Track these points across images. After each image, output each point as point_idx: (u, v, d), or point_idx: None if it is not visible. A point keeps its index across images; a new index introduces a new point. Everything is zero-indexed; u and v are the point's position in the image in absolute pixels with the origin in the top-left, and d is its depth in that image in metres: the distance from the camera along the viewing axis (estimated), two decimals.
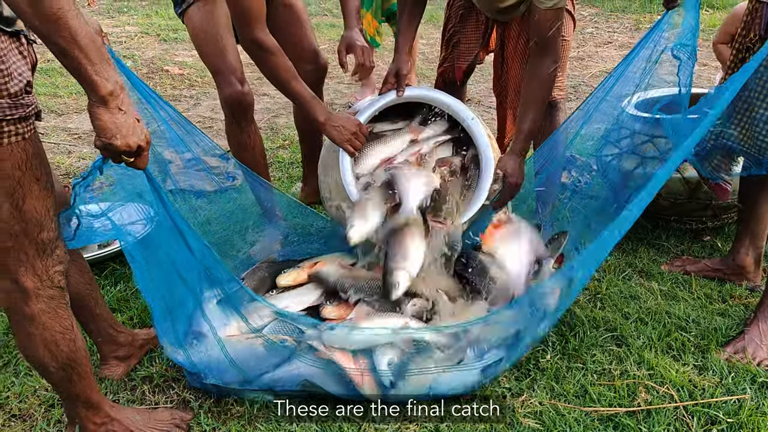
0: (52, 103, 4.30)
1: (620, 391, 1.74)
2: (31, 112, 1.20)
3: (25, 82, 1.18)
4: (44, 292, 1.32)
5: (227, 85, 2.25)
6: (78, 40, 1.09)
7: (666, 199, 2.46)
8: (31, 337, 1.35)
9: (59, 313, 1.36)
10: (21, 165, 1.20)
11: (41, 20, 1.06)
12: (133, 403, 1.74)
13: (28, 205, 1.24)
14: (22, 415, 1.71)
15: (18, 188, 1.21)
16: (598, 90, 2.25)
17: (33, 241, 1.27)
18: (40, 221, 1.27)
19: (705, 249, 2.50)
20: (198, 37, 2.25)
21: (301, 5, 2.52)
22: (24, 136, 1.20)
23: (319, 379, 1.69)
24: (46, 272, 1.31)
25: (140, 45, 5.76)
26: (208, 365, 1.70)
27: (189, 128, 2.04)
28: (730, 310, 2.09)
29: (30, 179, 1.23)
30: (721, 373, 1.80)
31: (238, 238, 2.30)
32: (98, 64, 1.12)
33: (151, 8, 7.28)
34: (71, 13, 1.07)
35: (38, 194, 1.25)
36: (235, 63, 2.26)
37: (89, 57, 1.11)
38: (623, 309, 2.11)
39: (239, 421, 1.68)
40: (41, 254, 1.29)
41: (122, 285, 2.28)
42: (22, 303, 1.31)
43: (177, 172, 2.14)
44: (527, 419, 1.66)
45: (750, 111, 1.89)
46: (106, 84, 1.14)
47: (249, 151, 2.40)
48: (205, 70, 5.16)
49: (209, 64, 2.28)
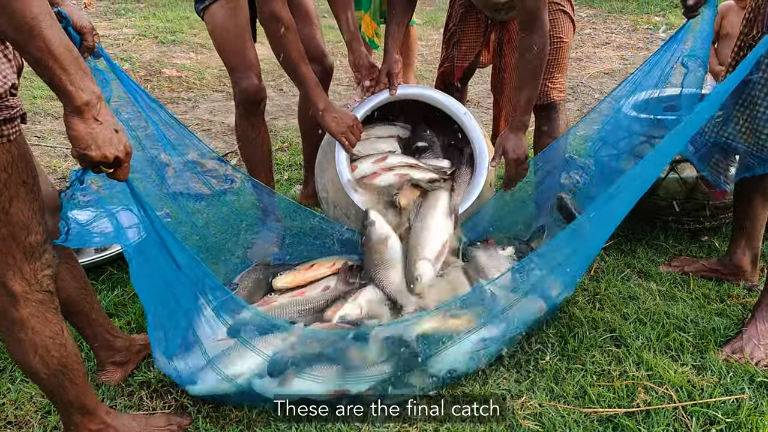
0: (49, 107, 4.29)
1: (619, 391, 1.74)
2: (15, 114, 1.19)
3: (10, 85, 1.17)
4: (33, 296, 1.31)
5: (245, 78, 2.30)
6: (52, 49, 1.07)
7: (664, 199, 2.46)
8: (21, 342, 1.34)
9: (48, 317, 1.35)
10: (6, 167, 1.19)
11: (14, 29, 1.04)
12: (131, 409, 1.74)
13: (14, 209, 1.23)
14: (18, 422, 1.70)
15: (4, 191, 1.21)
16: (611, 98, 2.26)
17: (20, 244, 1.26)
18: (27, 225, 1.26)
19: (703, 249, 2.49)
20: (219, 33, 2.28)
21: (311, 6, 2.55)
22: (9, 138, 1.19)
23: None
24: (35, 276, 1.31)
25: (138, 47, 5.76)
26: (196, 377, 1.69)
27: (184, 132, 2.03)
28: (728, 310, 2.09)
29: (16, 182, 1.22)
30: (719, 373, 1.80)
31: (234, 241, 2.30)
32: (74, 74, 1.10)
33: (149, 10, 7.27)
34: (45, 23, 1.05)
35: (25, 197, 1.24)
36: (254, 60, 2.31)
37: (64, 66, 1.09)
38: (622, 309, 2.10)
39: (237, 425, 1.67)
40: (29, 258, 1.29)
41: (119, 290, 2.27)
42: (10, 307, 1.31)
43: (174, 176, 2.13)
44: (527, 421, 1.65)
45: (753, 108, 1.88)
46: (82, 94, 1.12)
47: (257, 148, 2.44)
48: (203, 73, 5.17)
49: (228, 60, 2.31)
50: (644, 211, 2.56)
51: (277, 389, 1.66)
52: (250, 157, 2.44)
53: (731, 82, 1.71)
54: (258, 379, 1.67)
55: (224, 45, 2.29)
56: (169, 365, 1.68)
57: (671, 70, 2.10)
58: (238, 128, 2.43)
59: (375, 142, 2.33)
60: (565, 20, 2.32)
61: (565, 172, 2.37)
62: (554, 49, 2.26)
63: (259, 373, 1.67)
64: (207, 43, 5.56)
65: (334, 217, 2.29)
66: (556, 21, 2.29)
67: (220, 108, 4.51)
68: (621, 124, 2.28)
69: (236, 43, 2.27)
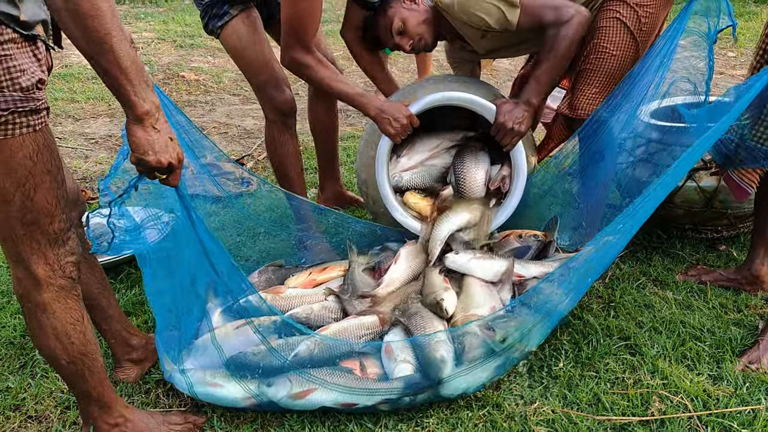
0: (70, 108, 4.36)
1: (633, 400, 1.73)
2: (41, 105, 1.24)
3: (37, 79, 1.22)
4: (55, 282, 1.35)
5: (280, 92, 2.31)
6: (121, 62, 1.19)
7: (681, 207, 2.44)
8: (42, 326, 1.38)
9: (70, 303, 1.39)
10: (32, 155, 1.24)
11: (89, 43, 1.17)
12: (147, 406, 1.76)
13: (39, 196, 1.27)
14: (38, 417, 1.73)
15: (30, 178, 1.25)
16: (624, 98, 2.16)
17: (44, 231, 1.31)
18: (51, 212, 1.30)
19: (720, 258, 2.47)
20: (243, 50, 2.26)
21: None
22: (35, 128, 1.23)
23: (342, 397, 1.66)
24: (58, 262, 1.35)
25: (157, 51, 5.83)
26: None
27: (200, 137, 2.06)
28: (746, 320, 2.07)
29: (41, 170, 1.26)
30: (735, 383, 1.78)
31: (250, 245, 2.32)
32: (137, 85, 1.22)
33: (168, 15, 7.36)
34: (117, 38, 1.17)
35: (49, 185, 1.28)
36: (281, 72, 2.32)
37: (129, 78, 1.21)
38: (637, 318, 2.09)
39: (252, 425, 1.69)
40: (53, 244, 1.33)
41: (137, 289, 2.30)
42: (33, 290, 1.35)
43: (191, 177, 2.16)
44: (539, 427, 1.65)
45: None
46: (143, 104, 1.24)
47: (297, 160, 2.47)
48: (220, 76, 5.22)
49: (256, 76, 2.30)
50: (661, 219, 2.54)
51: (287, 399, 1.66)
52: (287, 170, 2.44)
53: (757, 88, 1.70)
54: (267, 387, 1.67)
55: (251, 62, 2.28)
56: (176, 370, 1.71)
57: (674, 49, 2.01)
58: (273, 143, 2.41)
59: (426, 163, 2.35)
60: (620, 30, 2.11)
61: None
62: (595, 58, 2.15)
63: (268, 381, 1.68)
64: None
65: (373, 211, 2.37)
66: (606, 29, 2.12)
67: (236, 111, 4.55)
68: (637, 130, 2.26)
69: (262, 59, 2.27)
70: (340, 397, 1.65)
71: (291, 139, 2.41)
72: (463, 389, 1.71)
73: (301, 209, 2.36)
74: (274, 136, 2.40)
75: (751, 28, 6.25)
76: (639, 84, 2.07)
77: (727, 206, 2.38)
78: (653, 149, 2.28)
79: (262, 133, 3.99)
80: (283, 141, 2.40)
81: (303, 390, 1.64)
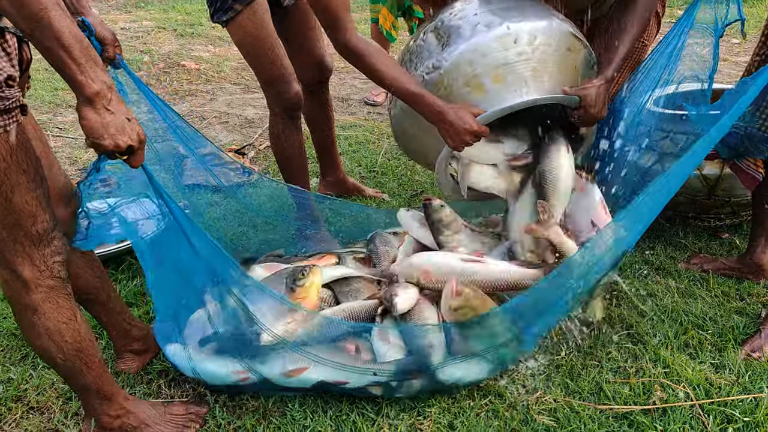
0: (70, 98, 4.34)
1: (636, 388, 1.73)
2: (12, 105, 1.19)
3: (5, 76, 1.17)
4: (44, 282, 1.33)
5: (289, 86, 2.29)
6: (62, 39, 1.09)
7: (684, 195, 2.43)
8: (34, 326, 1.36)
9: (60, 303, 1.37)
10: (6, 157, 1.21)
11: (25, 20, 1.07)
12: (149, 397, 1.76)
13: (17, 197, 1.24)
14: (40, 408, 1.73)
15: (5, 180, 1.22)
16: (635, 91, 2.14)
17: (27, 232, 1.28)
18: (32, 212, 1.28)
19: (723, 246, 2.46)
20: (252, 45, 2.22)
21: (308, 9, 2.52)
22: (5, 129, 1.20)
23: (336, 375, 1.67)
24: (45, 262, 1.33)
25: (157, 40, 5.80)
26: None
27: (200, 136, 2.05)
28: (748, 309, 2.06)
29: (16, 171, 1.23)
30: (738, 371, 1.78)
31: (252, 234, 2.31)
32: (83, 64, 1.12)
33: (168, 3, 7.32)
34: (54, 12, 1.07)
35: (27, 186, 1.25)
36: (290, 66, 2.29)
37: (73, 57, 1.11)
38: (639, 306, 2.09)
39: (254, 415, 1.69)
40: (38, 245, 1.31)
41: (139, 279, 2.30)
42: (22, 292, 1.33)
43: (192, 167, 2.15)
44: (541, 416, 1.65)
45: None
46: (92, 84, 1.14)
47: (302, 153, 2.44)
48: (221, 65, 5.20)
49: (266, 71, 2.27)
50: (663, 207, 2.52)
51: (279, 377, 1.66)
52: (294, 160, 2.41)
53: (764, 78, 1.68)
54: (261, 365, 1.66)
55: (260, 58, 2.24)
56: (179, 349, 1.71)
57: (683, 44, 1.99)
58: (280, 137, 2.38)
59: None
60: (652, 21, 2.09)
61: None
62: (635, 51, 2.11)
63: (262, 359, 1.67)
64: (225, 36, 5.58)
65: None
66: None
67: (237, 101, 4.53)
68: (644, 120, 2.23)
69: (273, 53, 2.23)
70: (332, 373, 1.65)
71: (296, 132, 2.39)
72: (457, 379, 1.70)
73: (302, 200, 2.35)
74: (280, 130, 2.39)
75: (755, 14, 6.19)
76: (649, 77, 2.06)
77: (729, 194, 2.37)
78: (657, 137, 2.26)
79: (263, 123, 3.98)
80: (288, 135, 2.38)
81: (297, 368, 1.64)
